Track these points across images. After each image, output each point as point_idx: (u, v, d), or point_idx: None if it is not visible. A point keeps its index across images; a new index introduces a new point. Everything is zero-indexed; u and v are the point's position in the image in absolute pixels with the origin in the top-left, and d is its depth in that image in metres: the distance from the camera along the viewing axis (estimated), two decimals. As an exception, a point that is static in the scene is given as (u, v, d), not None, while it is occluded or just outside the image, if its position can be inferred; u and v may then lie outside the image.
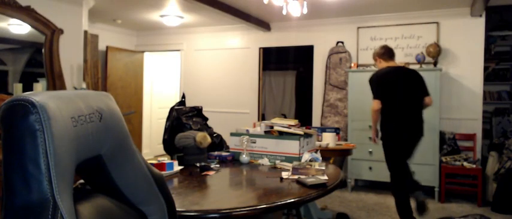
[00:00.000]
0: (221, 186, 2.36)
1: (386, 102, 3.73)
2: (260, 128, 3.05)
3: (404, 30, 5.45)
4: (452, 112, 5.19)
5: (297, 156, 2.81)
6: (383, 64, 3.87)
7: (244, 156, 2.90)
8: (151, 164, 2.39)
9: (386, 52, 3.87)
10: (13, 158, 0.66)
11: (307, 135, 2.98)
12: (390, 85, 3.75)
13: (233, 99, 6.62)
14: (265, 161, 2.89)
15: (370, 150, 5.10)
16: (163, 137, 3.41)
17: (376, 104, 3.75)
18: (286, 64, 8.30)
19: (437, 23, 5.27)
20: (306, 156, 2.76)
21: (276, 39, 6.34)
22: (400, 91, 3.73)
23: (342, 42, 5.81)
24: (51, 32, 4.03)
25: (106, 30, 6.61)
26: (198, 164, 2.66)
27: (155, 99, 7.64)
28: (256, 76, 6.49)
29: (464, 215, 1.77)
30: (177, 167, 2.56)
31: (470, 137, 5.09)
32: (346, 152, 4.48)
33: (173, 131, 3.23)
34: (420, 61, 5.09)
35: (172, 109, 3.47)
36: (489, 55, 6.09)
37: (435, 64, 5.16)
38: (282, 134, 2.91)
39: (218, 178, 2.47)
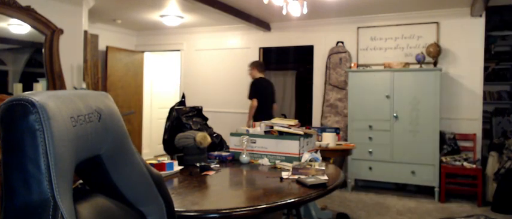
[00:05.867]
0: (221, 186, 2.35)
1: None
2: (260, 128, 3.05)
3: (404, 30, 5.45)
4: (452, 112, 5.19)
5: (297, 156, 2.81)
6: None
7: (244, 156, 2.90)
8: (151, 164, 2.39)
9: None
10: (13, 158, 0.66)
11: (307, 135, 2.98)
12: None
13: (233, 99, 6.61)
14: (265, 161, 2.89)
15: (370, 150, 5.11)
16: (163, 137, 3.41)
17: None
18: (286, 64, 8.30)
19: (437, 23, 5.27)
20: (306, 156, 2.76)
21: (276, 39, 6.34)
22: None
23: (342, 42, 5.81)
24: (51, 32, 4.03)
25: (106, 30, 6.61)
26: (198, 164, 2.66)
27: (155, 99, 7.64)
28: (256, 76, 6.48)
29: (468, 215, 1.76)
30: (177, 167, 2.55)
31: (470, 137, 5.09)
32: (346, 152, 4.48)
33: (173, 131, 3.23)
34: (420, 61, 5.09)
35: (172, 109, 3.47)
36: (489, 55, 6.09)
37: (435, 64, 5.16)
38: (282, 134, 2.91)
39: (218, 178, 2.47)
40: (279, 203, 1.91)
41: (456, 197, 4.91)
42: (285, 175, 2.45)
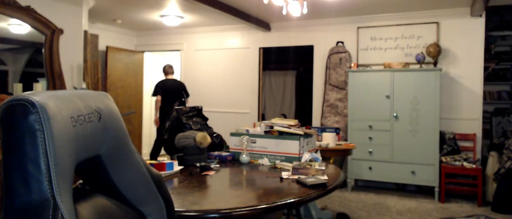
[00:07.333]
0: (221, 186, 2.35)
1: None
2: (260, 128, 3.05)
3: (404, 30, 5.45)
4: (452, 112, 5.19)
5: (297, 156, 2.81)
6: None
7: (244, 156, 2.90)
8: (151, 164, 2.39)
9: None
10: (13, 158, 0.66)
11: (307, 135, 2.98)
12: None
13: (233, 99, 6.62)
14: (265, 161, 2.89)
15: (370, 150, 5.11)
16: (163, 137, 3.41)
17: None
18: (286, 64, 8.30)
19: (437, 23, 5.27)
20: (306, 156, 2.76)
21: (276, 39, 6.33)
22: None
23: (342, 42, 5.81)
24: (51, 32, 4.03)
25: (106, 30, 6.61)
26: (198, 164, 2.66)
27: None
28: (256, 76, 6.48)
29: (468, 215, 1.77)
30: (177, 167, 2.55)
31: (470, 137, 5.09)
32: (346, 152, 4.48)
33: (173, 131, 3.23)
34: (420, 61, 5.09)
35: (172, 109, 3.47)
36: (489, 55, 6.09)
37: (435, 64, 5.16)
38: (282, 134, 2.91)
39: (218, 178, 2.47)
40: (279, 203, 1.91)
41: (456, 197, 4.91)
42: (285, 175, 2.45)
